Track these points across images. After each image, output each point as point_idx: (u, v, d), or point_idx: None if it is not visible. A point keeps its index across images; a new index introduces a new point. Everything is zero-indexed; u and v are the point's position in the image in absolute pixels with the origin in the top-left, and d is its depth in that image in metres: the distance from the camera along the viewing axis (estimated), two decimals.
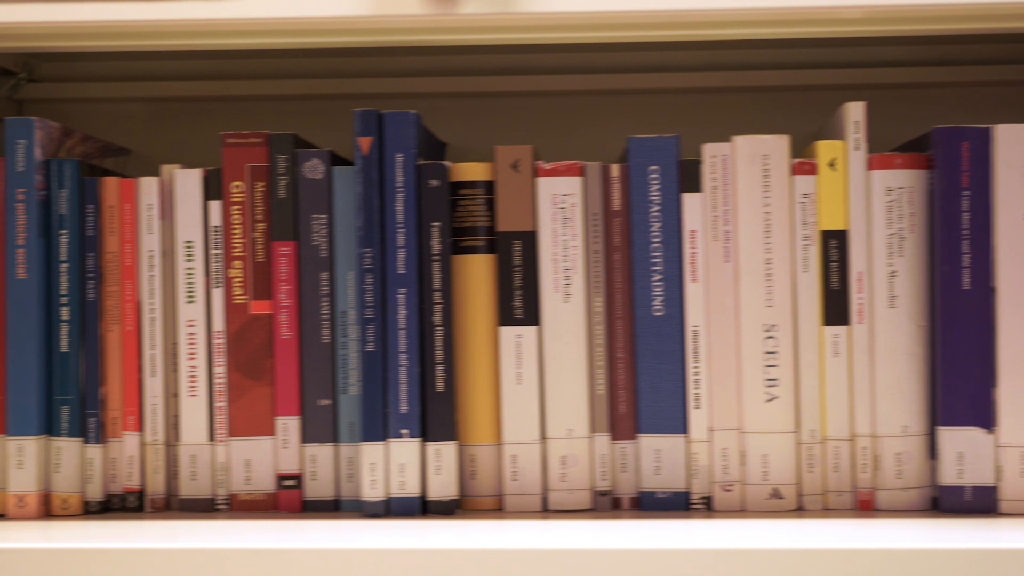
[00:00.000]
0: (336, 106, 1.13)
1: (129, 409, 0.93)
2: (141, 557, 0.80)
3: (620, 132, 1.11)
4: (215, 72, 1.12)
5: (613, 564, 0.78)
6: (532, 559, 0.79)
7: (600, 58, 1.10)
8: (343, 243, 0.92)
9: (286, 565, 0.79)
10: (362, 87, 1.10)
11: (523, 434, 0.91)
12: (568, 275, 0.91)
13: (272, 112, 1.14)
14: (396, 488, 0.90)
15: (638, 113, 1.12)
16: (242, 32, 0.82)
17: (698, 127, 1.12)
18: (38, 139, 0.91)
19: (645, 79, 1.10)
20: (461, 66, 1.11)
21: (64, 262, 0.92)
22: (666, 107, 1.12)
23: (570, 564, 0.78)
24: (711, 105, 1.12)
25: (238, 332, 0.92)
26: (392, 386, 0.90)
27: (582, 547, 0.78)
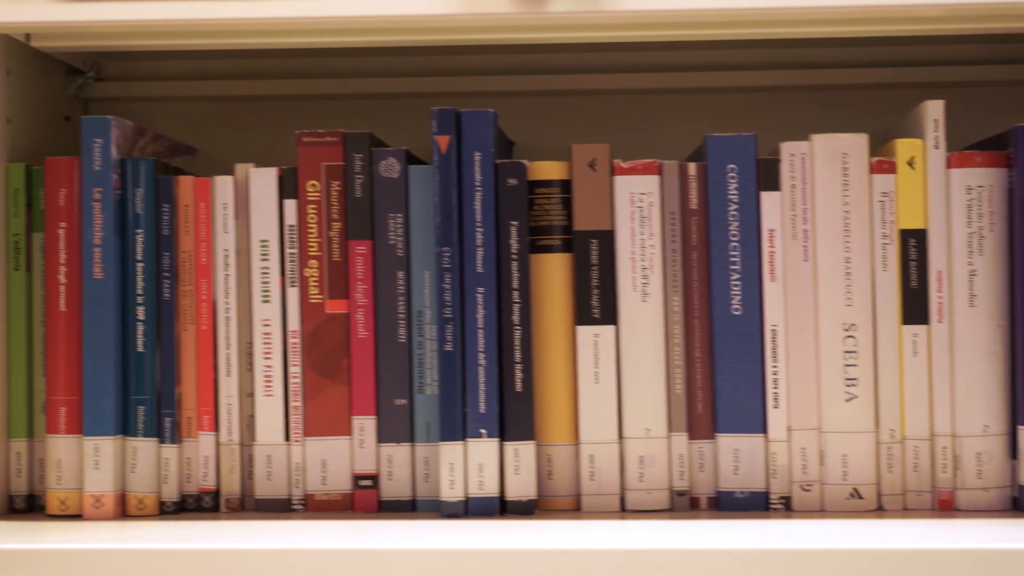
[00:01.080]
0: (405, 104, 1.12)
1: (204, 409, 0.92)
2: (218, 558, 0.79)
3: (692, 130, 1.11)
4: (280, 71, 1.12)
5: (693, 565, 0.78)
6: (612, 559, 0.78)
7: (674, 56, 1.10)
8: (419, 242, 0.92)
9: (366, 565, 0.79)
10: (431, 86, 1.10)
11: (601, 434, 0.91)
12: (646, 274, 0.91)
13: (338, 110, 1.13)
14: (474, 488, 0.89)
15: (708, 111, 1.12)
16: (331, 31, 0.82)
17: (765, 125, 1.11)
18: (114, 138, 0.90)
19: (718, 77, 1.09)
20: (532, 64, 1.10)
21: (140, 261, 0.91)
22: (734, 105, 1.12)
23: (650, 564, 0.78)
24: (778, 103, 1.12)
25: (314, 331, 0.92)
26: (470, 386, 0.89)
27: (662, 547, 0.78)
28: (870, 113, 1.11)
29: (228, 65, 1.12)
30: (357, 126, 1.12)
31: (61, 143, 1.04)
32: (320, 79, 1.11)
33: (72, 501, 0.91)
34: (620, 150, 1.11)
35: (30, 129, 0.98)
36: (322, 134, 0.92)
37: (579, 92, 1.11)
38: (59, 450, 0.91)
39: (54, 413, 0.91)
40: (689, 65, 1.09)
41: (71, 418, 0.91)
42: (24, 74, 0.97)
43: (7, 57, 0.94)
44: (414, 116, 1.11)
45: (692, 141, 1.10)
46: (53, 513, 0.91)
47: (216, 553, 0.79)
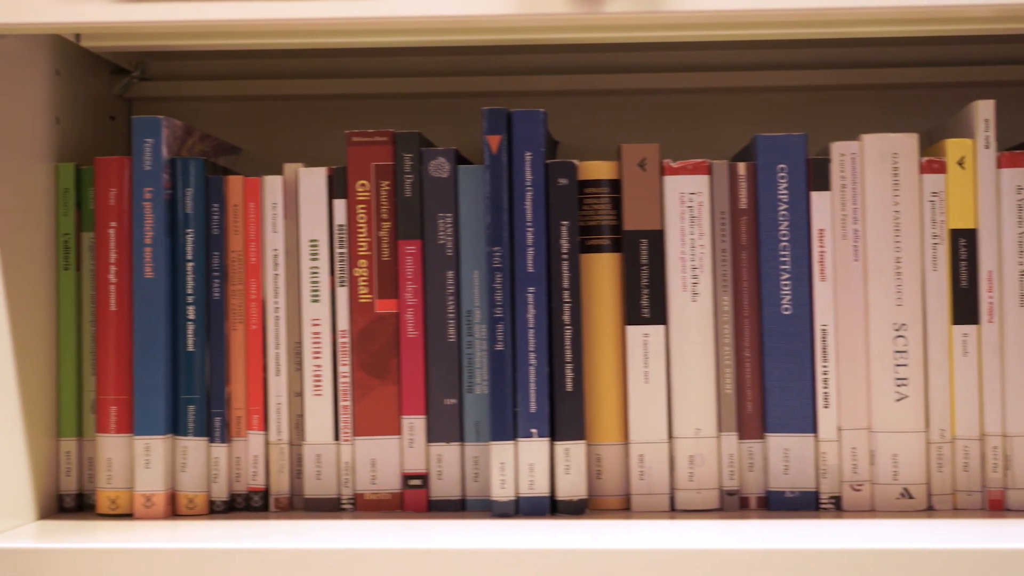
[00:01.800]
0: (447, 103, 1.12)
1: (254, 408, 0.92)
2: (269, 558, 0.79)
3: (740, 130, 1.11)
4: (322, 71, 1.12)
5: (743, 564, 0.78)
6: (664, 559, 0.78)
7: (722, 55, 1.10)
8: (468, 242, 0.92)
9: (418, 565, 0.79)
10: (475, 85, 1.10)
11: (650, 433, 0.91)
12: (696, 274, 0.91)
13: (379, 109, 1.13)
14: (525, 488, 0.89)
15: (755, 111, 1.12)
16: (386, 31, 0.82)
17: (809, 124, 1.11)
18: (164, 138, 0.91)
19: (766, 77, 1.09)
20: (576, 63, 1.10)
21: (190, 261, 0.91)
22: (781, 104, 1.12)
23: (701, 564, 0.78)
24: (824, 102, 1.11)
25: (363, 331, 0.92)
26: (521, 385, 0.89)
27: (713, 547, 0.78)
28: (917, 112, 1.11)
29: (272, 64, 1.12)
30: (398, 125, 1.12)
31: (107, 143, 1.04)
32: (360, 79, 1.11)
33: (123, 500, 0.91)
34: (666, 149, 1.11)
35: (77, 129, 0.98)
36: (371, 134, 0.92)
37: (625, 91, 1.11)
38: (109, 449, 0.91)
39: (104, 412, 0.91)
40: (737, 64, 1.09)
41: (121, 417, 0.91)
42: (72, 74, 0.97)
43: (56, 57, 0.94)
44: (458, 115, 1.12)
45: (739, 141, 1.11)
46: (103, 512, 0.91)
47: (267, 553, 0.79)
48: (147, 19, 0.82)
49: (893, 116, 1.11)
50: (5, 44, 0.85)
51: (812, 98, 1.11)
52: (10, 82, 0.86)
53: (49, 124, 0.93)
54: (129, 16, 0.82)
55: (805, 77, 1.09)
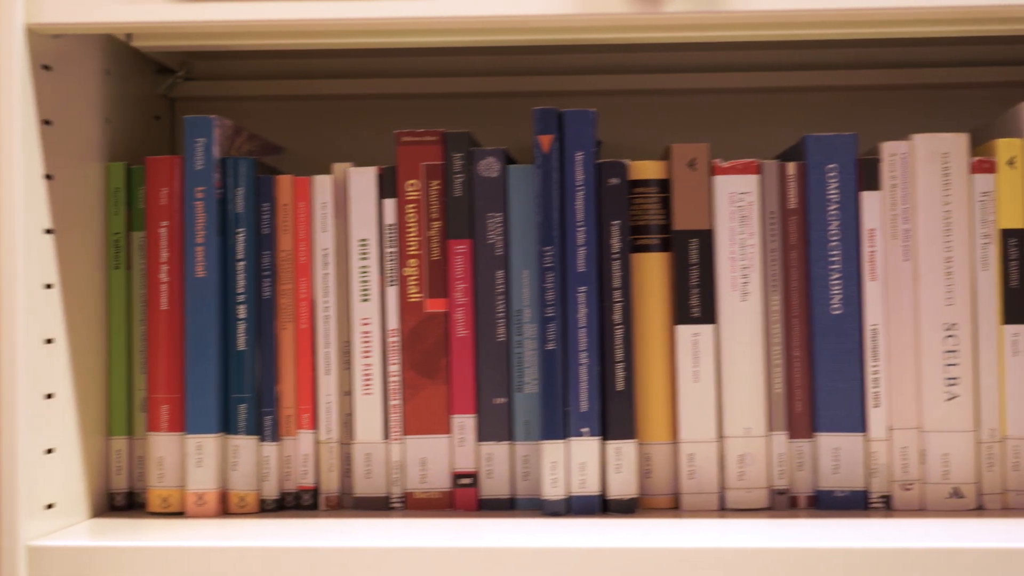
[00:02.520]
0: (489, 103, 1.12)
1: (303, 407, 0.93)
2: (321, 556, 0.80)
3: (786, 130, 1.11)
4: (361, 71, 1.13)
5: (794, 563, 0.78)
6: (715, 558, 0.78)
7: (771, 55, 1.10)
8: (518, 241, 0.92)
9: (471, 564, 0.79)
10: (519, 85, 1.10)
11: (700, 432, 0.91)
12: (745, 273, 0.91)
13: (420, 109, 1.14)
14: (576, 487, 0.90)
15: (801, 110, 1.12)
16: (446, 31, 0.82)
17: (855, 124, 1.11)
18: (216, 137, 0.91)
19: (814, 76, 1.09)
20: (623, 63, 1.10)
21: (241, 260, 0.92)
22: (828, 104, 1.12)
23: (753, 563, 0.78)
24: (870, 102, 1.12)
25: (413, 330, 0.92)
26: (572, 384, 0.90)
27: (765, 546, 0.78)
28: (965, 112, 1.11)
29: (314, 64, 1.12)
30: (440, 125, 1.13)
31: (152, 143, 1.04)
32: (399, 79, 1.12)
33: (174, 499, 0.91)
34: (712, 149, 1.11)
35: (126, 129, 0.98)
36: (421, 133, 0.93)
37: (669, 91, 1.11)
38: (161, 448, 0.91)
39: (155, 411, 0.91)
40: (785, 64, 1.10)
41: (173, 416, 0.91)
42: (120, 74, 0.97)
43: (106, 57, 0.95)
44: (501, 114, 1.12)
45: (786, 141, 1.11)
46: (155, 511, 0.91)
47: (318, 551, 0.80)
48: (202, 19, 0.82)
49: (941, 116, 1.11)
50: (61, 44, 0.86)
51: (859, 98, 1.11)
52: (66, 82, 0.87)
53: (100, 124, 0.93)
54: (184, 16, 0.82)
55: (853, 77, 1.09)
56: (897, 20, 0.81)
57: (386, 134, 1.13)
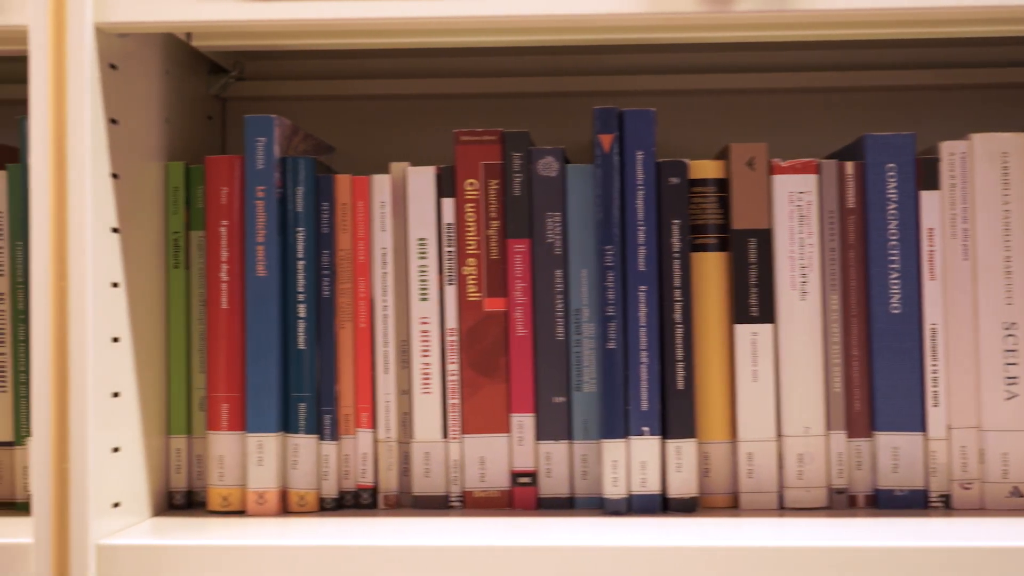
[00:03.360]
0: (542, 103, 1.13)
1: (362, 406, 0.93)
2: (382, 555, 0.80)
3: (843, 129, 1.11)
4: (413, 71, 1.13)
5: (855, 562, 0.78)
6: (776, 557, 0.78)
7: (826, 55, 1.10)
8: (576, 241, 0.92)
9: (536, 563, 0.79)
10: (568, 85, 1.10)
11: (759, 432, 0.91)
12: (804, 273, 0.91)
13: (471, 109, 1.14)
14: (637, 486, 0.90)
15: (855, 110, 1.12)
16: (512, 30, 0.82)
17: (913, 123, 1.11)
18: (277, 137, 0.91)
19: (871, 76, 1.09)
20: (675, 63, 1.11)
21: (301, 259, 0.92)
22: (880, 104, 1.12)
23: (814, 561, 0.78)
24: (925, 101, 1.12)
25: (472, 329, 0.93)
26: (633, 384, 0.90)
27: (825, 545, 0.78)
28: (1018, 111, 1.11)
29: (364, 64, 1.12)
30: (489, 124, 1.13)
31: (205, 142, 1.05)
32: (450, 79, 1.12)
33: (234, 497, 0.91)
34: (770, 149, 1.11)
35: (182, 128, 0.98)
36: (480, 133, 0.93)
37: (722, 91, 1.11)
38: (221, 447, 0.91)
39: (215, 410, 0.91)
40: (842, 64, 1.10)
41: (233, 415, 0.91)
42: (177, 74, 0.98)
43: (165, 57, 0.95)
44: (554, 114, 1.12)
45: (841, 140, 1.11)
46: (214, 509, 0.92)
47: (381, 550, 0.80)
48: (267, 18, 0.82)
49: (1000, 115, 1.11)
50: (126, 44, 0.86)
51: (917, 97, 1.11)
52: (130, 81, 0.87)
53: (160, 123, 0.93)
54: (250, 15, 0.82)
55: (911, 77, 1.09)
56: (961, 20, 0.81)
57: (432, 133, 1.14)
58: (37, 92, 0.79)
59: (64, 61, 0.79)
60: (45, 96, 0.79)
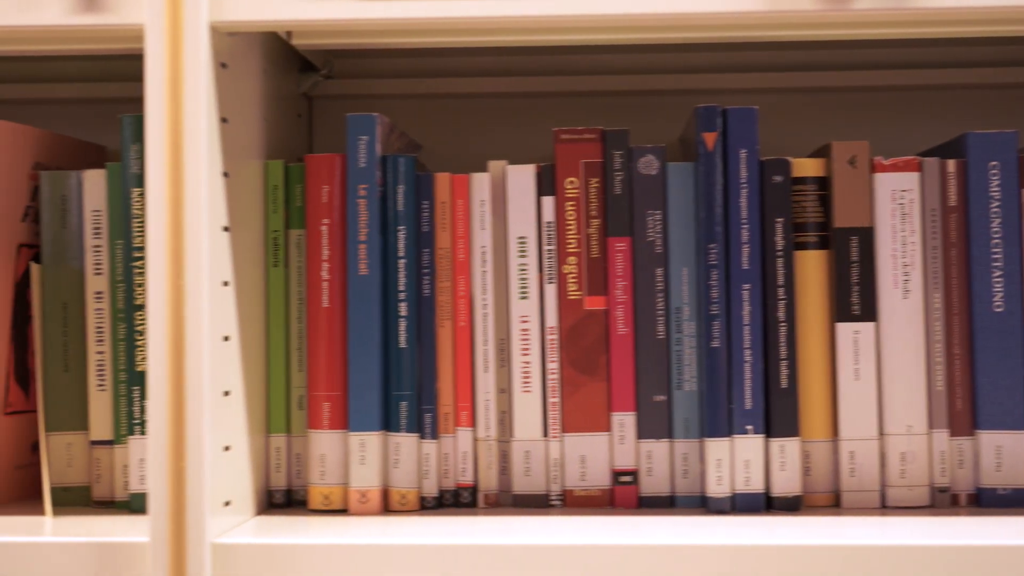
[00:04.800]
0: (630, 101, 1.13)
1: (462, 405, 0.93)
2: (486, 554, 0.80)
3: (940, 127, 1.11)
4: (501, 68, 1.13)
5: (958, 561, 0.78)
6: (880, 556, 0.78)
7: (927, 53, 1.09)
8: (677, 239, 0.92)
9: (643, 560, 0.79)
10: (660, 83, 1.10)
11: (861, 430, 0.91)
12: (907, 271, 0.91)
13: (559, 107, 1.14)
14: (741, 484, 0.90)
15: (956, 107, 1.11)
16: (621, 28, 0.82)
17: (1015, 121, 1.11)
18: (379, 135, 0.91)
19: (973, 74, 1.09)
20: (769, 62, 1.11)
21: (402, 258, 0.92)
22: (978, 101, 1.12)
23: (922, 560, 0.78)
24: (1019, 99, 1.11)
25: (572, 328, 0.92)
26: (736, 382, 0.90)
27: (933, 544, 0.78)
28: None
29: (449, 62, 1.12)
30: (571, 122, 1.13)
31: (295, 141, 1.05)
32: (549, 77, 1.12)
33: (336, 496, 0.91)
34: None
35: (277, 127, 0.98)
36: (580, 131, 0.93)
37: (821, 89, 1.11)
38: (322, 445, 0.91)
39: (316, 409, 0.91)
40: (944, 62, 1.09)
41: (334, 413, 0.91)
42: (273, 73, 0.98)
43: (265, 56, 0.95)
44: (646, 112, 1.12)
45: (933, 137, 1.10)
46: (316, 508, 0.91)
47: (485, 549, 0.79)
48: (380, 16, 0.81)
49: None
50: (233, 42, 0.86)
51: (1015, 95, 1.11)
52: (237, 80, 0.87)
53: (260, 122, 0.93)
54: (364, 14, 0.81)
55: (1011, 74, 1.08)
56: None
57: (517, 131, 1.14)
58: (153, 91, 0.79)
59: (180, 60, 0.79)
60: (161, 95, 0.79)
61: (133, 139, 0.92)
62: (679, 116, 1.13)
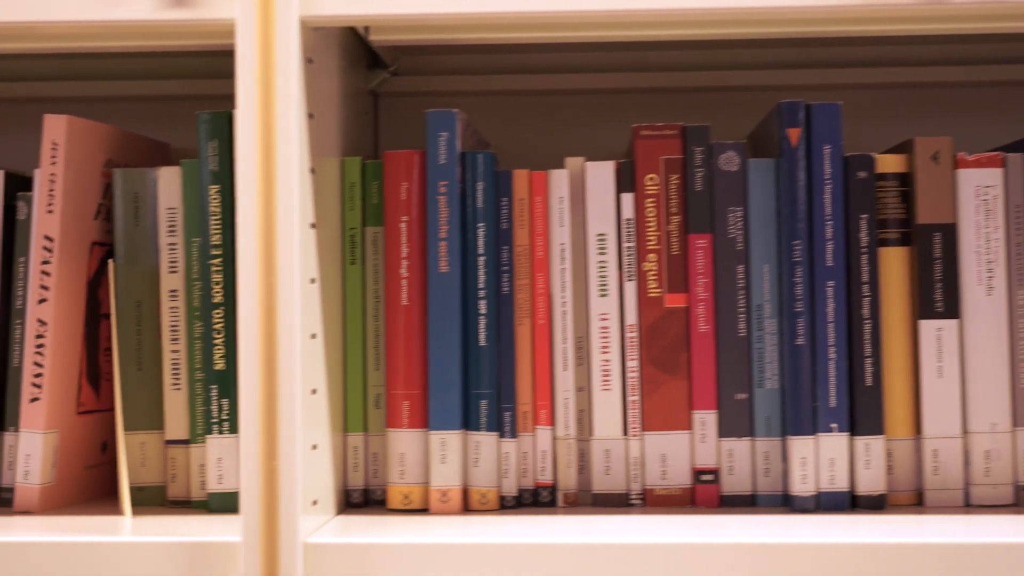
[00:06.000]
0: (702, 97, 1.12)
1: (541, 403, 0.92)
2: (571, 553, 0.79)
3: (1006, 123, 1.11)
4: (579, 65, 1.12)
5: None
6: (966, 554, 0.78)
7: (997, 49, 1.09)
8: (758, 236, 0.91)
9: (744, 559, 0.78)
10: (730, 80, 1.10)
11: (944, 428, 0.90)
12: (991, 268, 0.90)
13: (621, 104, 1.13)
14: (825, 483, 0.89)
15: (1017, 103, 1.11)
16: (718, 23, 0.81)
17: None
18: (458, 131, 0.90)
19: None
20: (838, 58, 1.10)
21: (481, 255, 0.91)
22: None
23: (1007, 559, 0.78)
24: None
25: (652, 326, 0.92)
26: (821, 380, 0.89)
27: (1018, 542, 0.78)
28: None
29: (514, 59, 1.12)
30: (637, 119, 1.12)
31: (363, 138, 1.04)
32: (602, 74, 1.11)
33: (415, 495, 0.91)
34: None
35: (350, 124, 0.98)
36: (660, 127, 0.92)
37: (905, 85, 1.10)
38: (402, 444, 0.91)
39: (396, 407, 0.91)
40: (1006, 57, 1.09)
41: (414, 412, 0.91)
42: (348, 69, 0.97)
43: (342, 53, 0.94)
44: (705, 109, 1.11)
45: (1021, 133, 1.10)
46: (395, 507, 0.91)
47: (569, 548, 0.79)
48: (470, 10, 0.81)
49: None
50: (317, 38, 0.85)
51: None
52: (320, 76, 0.86)
53: (338, 118, 0.92)
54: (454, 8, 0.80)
55: None
56: None
57: (581, 128, 1.13)
58: (245, 86, 0.78)
59: (272, 55, 0.78)
60: (253, 90, 0.78)
61: (209, 136, 0.91)
62: (744, 112, 1.12)
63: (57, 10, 0.80)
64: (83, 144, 0.93)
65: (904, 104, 1.12)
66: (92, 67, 1.13)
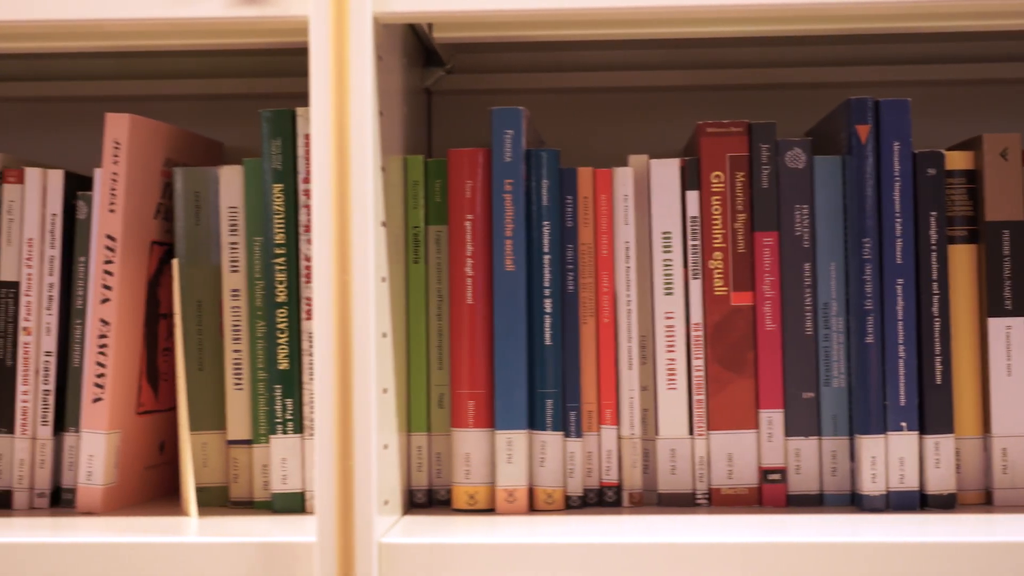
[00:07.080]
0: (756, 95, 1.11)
1: (606, 403, 0.91)
2: (641, 553, 0.78)
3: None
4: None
5: None
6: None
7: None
8: (824, 233, 0.91)
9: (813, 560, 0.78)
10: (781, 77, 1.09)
11: (1014, 427, 0.90)
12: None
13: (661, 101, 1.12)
14: (895, 482, 0.88)
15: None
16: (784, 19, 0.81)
17: None
18: (523, 129, 0.90)
19: None
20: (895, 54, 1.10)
21: (546, 254, 0.90)
22: None
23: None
24: None
25: (718, 324, 0.91)
26: (890, 378, 0.88)
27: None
28: None
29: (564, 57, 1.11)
30: (695, 117, 1.11)
31: (419, 136, 1.03)
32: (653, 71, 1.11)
33: (481, 495, 0.90)
34: None
35: (410, 122, 0.97)
36: (726, 124, 0.91)
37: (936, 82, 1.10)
38: (467, 444, 0.90)
39: (461, 407, 0.90)
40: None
41: (479, 412, 0.90)
42: (408, 67, 0.96)
43: (404, 50, 0.93)
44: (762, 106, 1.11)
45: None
46: (460, 507, 0.90)
47: (639, 548, 0.78)
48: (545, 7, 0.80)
49: None
50: (385, 35, 0.84)
51: None
52: (388, 73, 0.85)
53: (402, 116, 0.92)
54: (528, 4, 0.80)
55: None
56: None
57: (635, 125, 1.12)
58: (319, 84, 0.78)
59: (346, 52, 0.77)
60: (327, 88, 0.77)
61: (272, 134, 0.90)
62: (798, 109, 1.11)
63: (127, 7, 0.79)
64: (144, 143, 0.92)
65: (969, 100, 1.11)
66: (143, 66, 1.13)
